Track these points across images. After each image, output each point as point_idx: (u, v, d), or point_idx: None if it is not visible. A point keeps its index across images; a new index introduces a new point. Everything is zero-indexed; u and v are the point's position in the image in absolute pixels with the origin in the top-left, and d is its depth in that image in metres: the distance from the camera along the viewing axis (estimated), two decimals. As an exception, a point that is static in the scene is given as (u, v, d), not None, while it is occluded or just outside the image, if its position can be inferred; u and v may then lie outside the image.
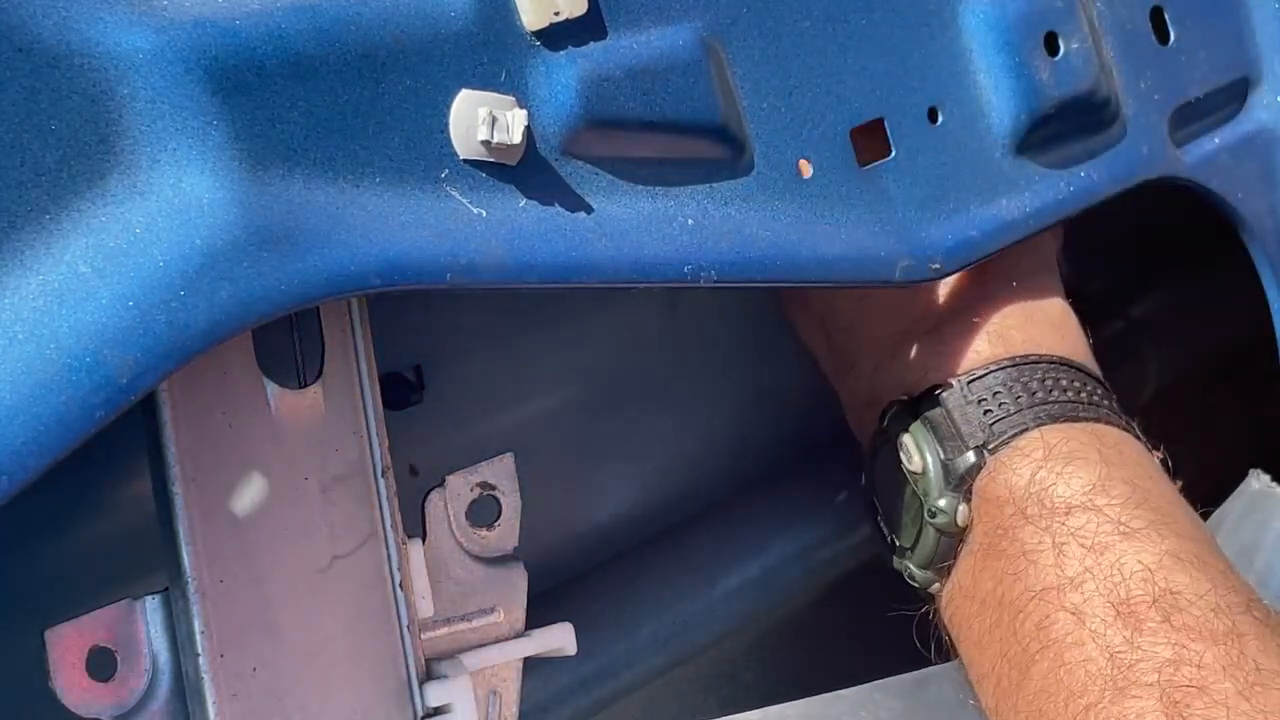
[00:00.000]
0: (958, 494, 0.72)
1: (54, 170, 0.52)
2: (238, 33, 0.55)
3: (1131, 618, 0.65)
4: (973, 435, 0.72)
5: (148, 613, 0.60)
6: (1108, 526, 0.68)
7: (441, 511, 0.67)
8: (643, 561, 0.87)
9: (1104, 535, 0.68)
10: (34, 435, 0.50)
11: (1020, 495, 0.70)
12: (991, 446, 0.72)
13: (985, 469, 0.72)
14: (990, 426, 0.72)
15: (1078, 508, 0.69)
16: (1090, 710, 0.64)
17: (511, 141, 0.59)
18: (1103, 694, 0.64)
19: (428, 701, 0.64)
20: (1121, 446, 0.72)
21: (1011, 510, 0.70)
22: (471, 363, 0.82)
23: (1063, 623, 0.67)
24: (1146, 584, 0.66)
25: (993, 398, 0.73)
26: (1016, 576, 0.69)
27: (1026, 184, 0.74)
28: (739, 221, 0.66)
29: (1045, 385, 0.73)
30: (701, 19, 0.65)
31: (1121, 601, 0.66)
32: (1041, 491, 0.70)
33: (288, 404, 0.62)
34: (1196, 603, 0.65)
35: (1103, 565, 0.67)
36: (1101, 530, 0.68)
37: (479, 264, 0.58)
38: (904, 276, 0.70)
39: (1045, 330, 0.75)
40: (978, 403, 0.73)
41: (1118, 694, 0.64)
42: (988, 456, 0.72)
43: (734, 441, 0.91)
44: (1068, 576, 0.68)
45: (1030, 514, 0.70)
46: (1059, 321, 0.77)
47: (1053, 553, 0.68)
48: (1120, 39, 0.78)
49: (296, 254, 0.54)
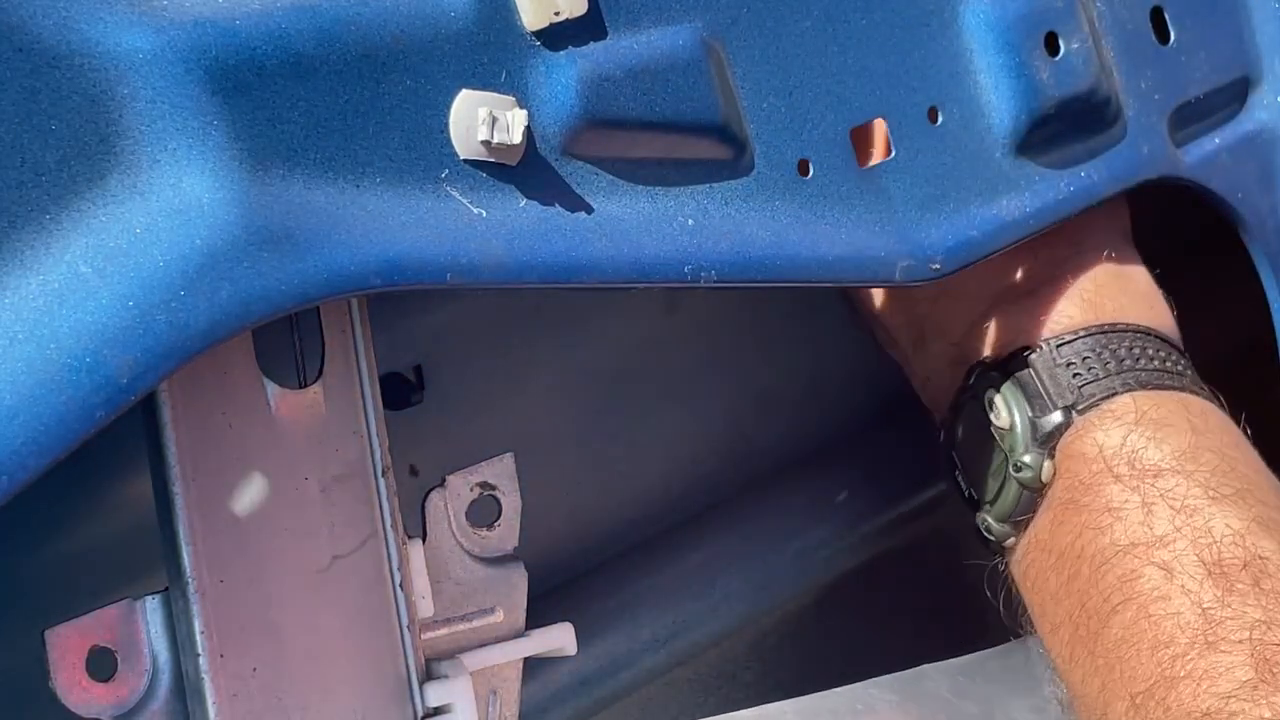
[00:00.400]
0: (1043, 450, 0.74)
1: (54, 170, 0.52)
2: (238, 33, 0.55)
3: (1223, 578, 0.67)
4: (1061, 395, 0.74)
5: (148, 613, 0.60)
6: (1197, 490, 0.70)
7: (441, 511, 0.67)
8: (643, 561, 0.87)
9: (1194, 499, 0.69)
10: (34, 435, 0.50)
11: (1110, 455, 0.72)
12: (1081, 408, 0.74)
13: (1073, 428, 0.73)
14: (1080, 389, 0.74)
15: (1168, 471, 0.71)
16: (1177, 660, 0.65)
17: (512, 141, 0.59)
18: (1191, 645, 0.65)
19: (428, 701, 0.64)
20: (1208, 416, 0.74)
21: (1099, 468, 0.72)
22: (471, 363, 0.82)
23: (1150, 576, 0.68)
24: (1236, 547, 0.67)
25: (1081, 362, 0.75)
26: (1099, 530, 0.71)
27: (1027, 184, 0.74)
28: (739, 221, 0.66)
29: (1133, 353, 0.75)
30: (701, 19, 0.65)
31: (1213, 562, 0.67)
32: (1132, 453, 0.72)
33: (288, 404, 0.62)
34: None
35: (1193, 526, 0.69)
36: (1191, 494, 0.70)
37: (479, 264, 0.58)
38: (904, 277, 0.70)
39: (1135, 299, 0.77)
40: (1066, 365, 0.75)
41: (1207, 647, 0.65)
42: (1075, 417, 0.74)
43: (734, 441, 0.91)
44: (1156, 534, 0.69)
45: (1119, 473, 0.71)
46: (1146, 292, 0.78)
47: (1141, 511, 0.70)
48: (1120, 39, 0.78)
49: (296, 254, 0.54)
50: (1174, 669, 0.65)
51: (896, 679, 0.76)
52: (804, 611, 0.91)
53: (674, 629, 0.85)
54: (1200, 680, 0.65)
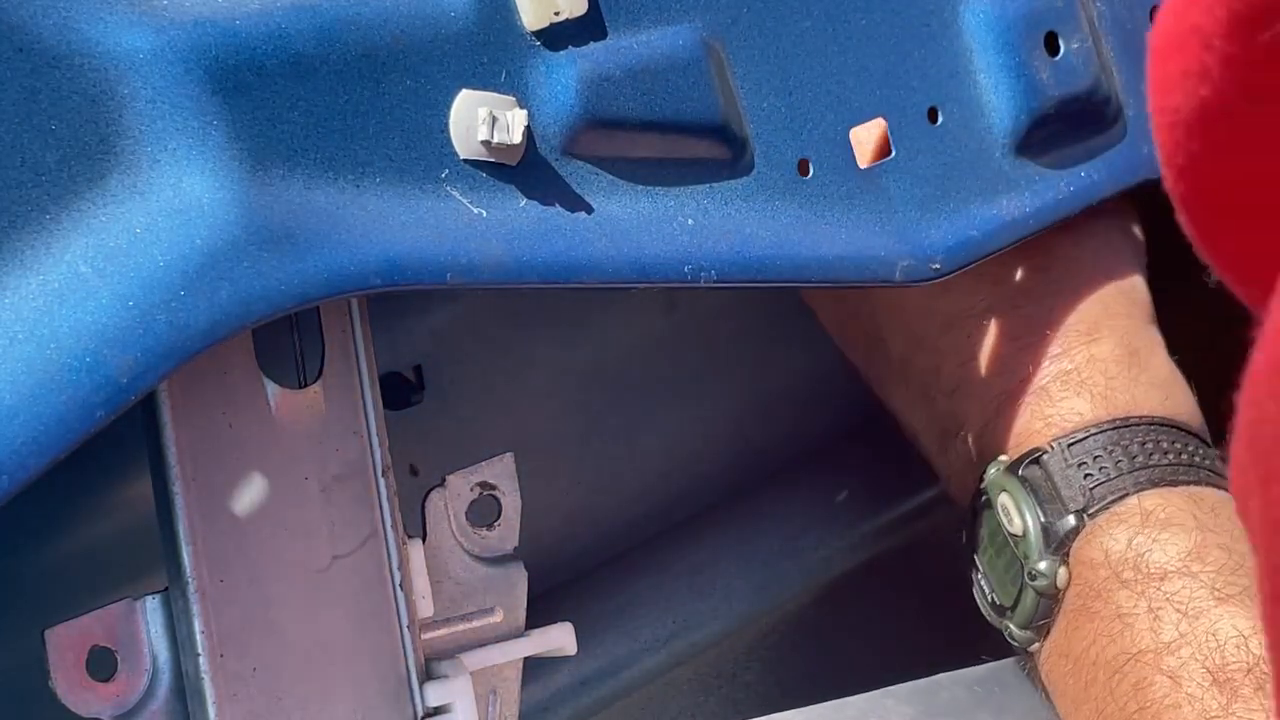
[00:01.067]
0: (1057, 556, 0.72)
1: (54, 170, 0.52)
2: (238, 33, 0.55)
3: (1227, 685, 0.66)
4: (1073, 499, 0.73)
5: (148, 613, 0.60)
6: (1202, 592, 0.69)
7: (441, 511, 0.67)
8: (643, 561, 0.87)
9: (1199, 601, 0.69)
10: (34, 435, 0.50)
11: (1116, 560, 0.71)
12: (1091, 511, 0.72)
13: (1084, 533, 0.72)
14: (1090, 490, 0.73)
15: (1173, 573, 0.70)
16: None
17: (512, 141, 0.59)
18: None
19: (428, 701, 0.64)
20: (1219, 509, 0.72)
21: (1106, 574, 0.71)
22: (471, 363, 0.82)
23: (1159, 685, 0.68)
24: (1240, 651, 0.67)
25: (1093, 461, 0.73)
26: (1111, 638, 0.70)
27: (1027, 184, 0.74)
28: (739, 221, 0.65)
29: (1145, 449, 0.73)
30: (701, 19, 0.65)
31: (1217, 668, 0.67)
32: (1138, 557, 0.71)
33: (288, 404, 0.62)
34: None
35: (1198, 631, 0.68)
36: (1196, 596, 0.69)
37: (479, 264, 0.58)
38: (904, 277, 0.70)
39: (1149, 390, 0.76)
40: (1078, 466, 0.73)
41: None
42: (1087, 520, 0.72)
43: (734, 441, 0.91)
44: (1164, 641, 0.68)
45: (1125, 578, 0.70)
46: (1163, 381, 0.77)
47: (1148, 617, 0.69)
48: (1120, 39, 0.78)
49: (296, 254, 0.54)
50: None
51: (912, 689, 0.76)
52: (804, 611, 0.91)
53: (674, 629, 0.85)
54: None
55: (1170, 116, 0.40)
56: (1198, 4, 0.38)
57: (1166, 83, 0.40)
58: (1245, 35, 0.38)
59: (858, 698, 0.74)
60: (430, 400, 0.79)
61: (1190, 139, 0.40)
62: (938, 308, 0.78)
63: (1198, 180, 0.41)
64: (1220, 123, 0.40)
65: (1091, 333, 0.77)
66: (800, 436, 0.93)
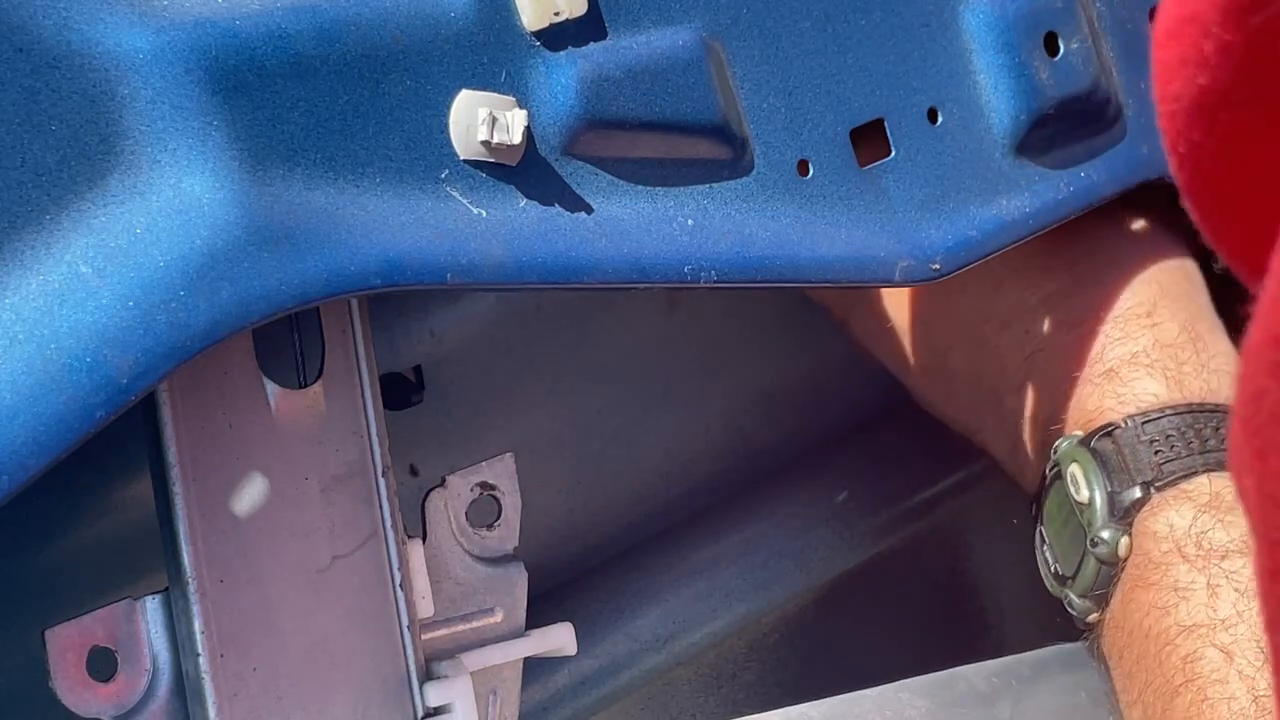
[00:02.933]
0: (1120, 526, 0.73)
1: (54, 170, 0.52)
2: (238, 33, 0.55)
3: None
4: (1140, 472, 0.74)
5: (148, 613, 0.60)
6: None
7: (442, 511, 0.67)
8: (643, 561, 0.87)
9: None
10: (34, 435, 0.50)
11: (1179, 535, 0.72)
12: (1159, 485, 0.73)
13: (1149, 505, 0.73)
14: (1161, 466, 0.74)
15: (1235, 553, 0.71)
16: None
17: (512, 142, 0.59)
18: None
19: (428, 701, 0.64)
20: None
21: (1168, 547, 0.72)
22: (471, 363, 0.82)
23: (1211, 659, 0.68)
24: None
25: (1164, 439, 0.74)
26: (1165, 610, 0.71)
27: (1026, 184, 0.74)
28: (739, 221, 0.65)
29: (1219, 434, 0.74)
30: (701, 19, 0.65)
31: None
32: (1201, 534, 0.71)
33: (288, 404, 0.62)
34: None
35: (1254, 610, 0.68)
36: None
37: (479, 264, 0.58)
38: (904, 277, 0.70)
39: (1220, 377, 0.77)
40: (1149, 443, 0.74)
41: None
42: (1153, 493, 0.73)
43: (734, 441, 0.91)
44: (1219, 617, 0.69)
45: (1187, 553, 0.71)
46: (1231, 367, 0.77)
47: (1206, 592, 0.70)
48: (1120, 39, 0.78)
49: (297, 254, 0.54)
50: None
51: (927, 682, 0.76)
52: (804, 611, 0.91)
53: (674, 629, 0.85)
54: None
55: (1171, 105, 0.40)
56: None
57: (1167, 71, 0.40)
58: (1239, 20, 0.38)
59: (872, 690, 0.75)
60: (430, 400, 0.79)
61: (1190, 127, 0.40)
62: (993, 309, 0.79)
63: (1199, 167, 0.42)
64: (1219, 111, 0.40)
65: (1151, 315, 0.78)
66: (800, 436, 0.93)
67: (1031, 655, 0.78)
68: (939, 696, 0.75)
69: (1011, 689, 0.77)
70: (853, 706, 0.74)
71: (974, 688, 0.76)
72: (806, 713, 0.73)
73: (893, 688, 0.75)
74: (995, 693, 0.74)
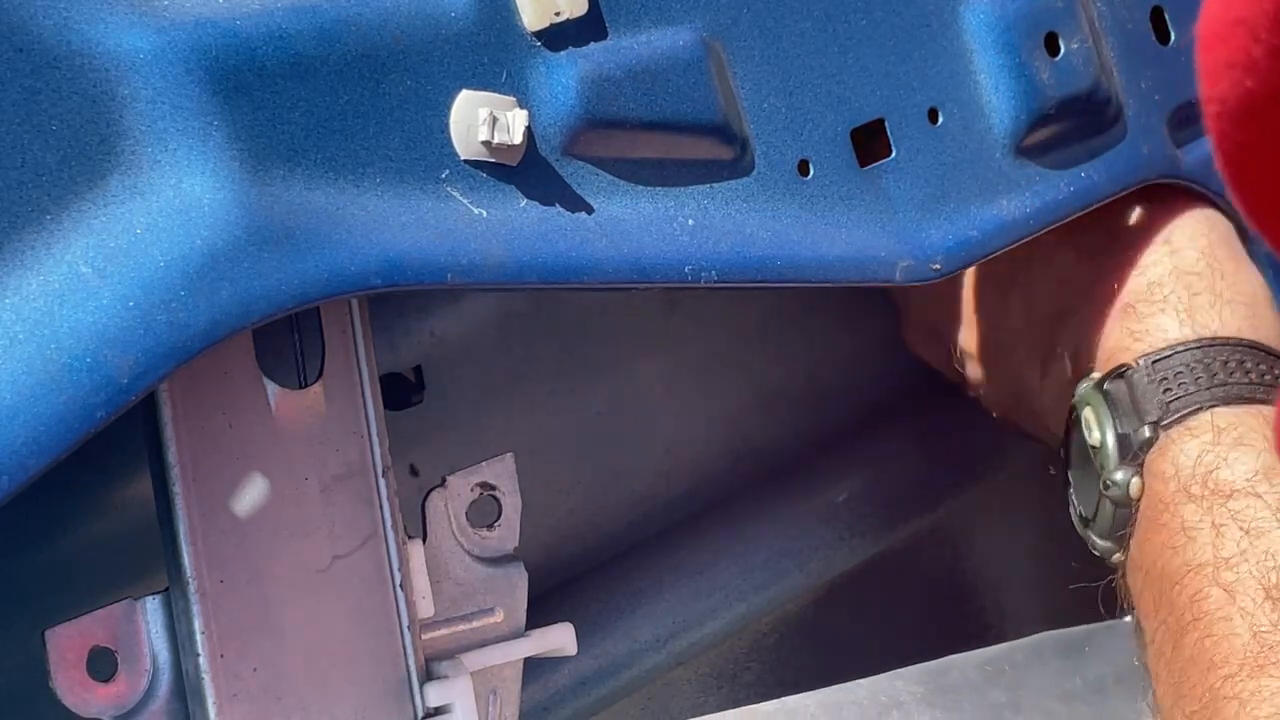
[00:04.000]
0: (1132, 467, 0.74)
1: (54, 170, 0.52)
2: (238, 33, 0.55)
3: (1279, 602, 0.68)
4: (1149, 412, 0.74)
5: (148, 613, 0.60)
6: (1266, 513, 0.70)
7: (442, 511, 0.67)
8: (643, 561, 0.87)
9: (1262, 521, 0.70)
10: (34, 435, 0.50)
11: (1185, 475, 0.73)
12: (1165, 423, 0.74)
13: (1157, 445, 0.74)
14: (1168, 404, 0.74)
15: (1240, 492, 0.71)
16: (1228, 681, 0.67)
17: (512, 142, 0.59)
18: (1241, 667, 0.67)
19: (428, 701, 0.64)
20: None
21: (1175, 487, 0.73)
22: (471, 363, 0.82)
23: (1215, 598, 0.69)
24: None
25: (1174, 377, 0.75)
26: (1175, 550, 0.71)
27: (1027, 184, 0.74)
28: (739, 221, 0.65)
29: (1228, 368, 0.75)
30: (701, 19, 0.65)
31: (1273, 585, 0.68)
32: (1206, 473, 0.72)
33: (288, 404, 0.62)
34: None
35: (1257, 549, 0.70)
36: (1260, 516, 0.70)
37: (479, 264, 0.58)
38: (904, 277, 0.70)
39: (1235, 309, 0.77)
40: (1159, 381, 0.75)
41: (1256, 670, 0.66)
42: (1161, 433, 0.74)
43: (734, 441, 0.91)
44: (1223, 556, 0.70)
45: (1194, 493, 0.72)
46: (1249, 299, 0.78)
47: (1211, 532, 0.71)
48: (1120, 39, 0.78)
49: (297, 254, 0.54)
50: (1224, 690, 0.67)
51: (922, 670, 0.76)
52: (804, 611, 0.91)
53: (674, 629, 0.85)
54: (1245, 702, 0.66)
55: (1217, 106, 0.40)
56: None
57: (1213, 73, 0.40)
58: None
59: (866, 680, 0.75)
60: (430, 400, 0.79)
61: (1237, 129, 0.41)
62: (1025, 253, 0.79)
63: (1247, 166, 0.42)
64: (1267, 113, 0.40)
65: (1171, 241, 0.78)
66: (800, 436, 0.93)
67: (1025, 641, 0.78)
68: (932, 683, 0.76)
69: (1006, 675, 0.77)
70: (847, 695, 0.74)
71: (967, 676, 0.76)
72: (803, 702, 0.73)
73: (887, 677, 0.75)
74: (989, 680, 0.75)
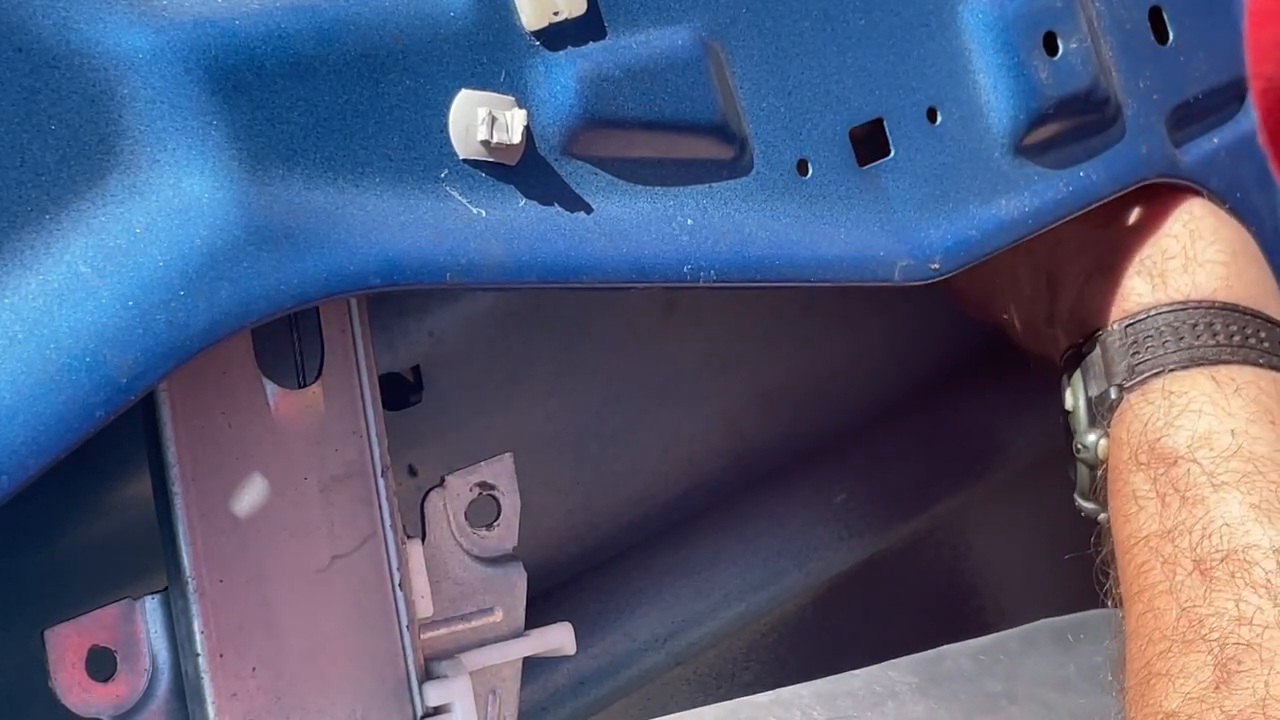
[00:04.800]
0: (1099, 429, 0.75)
1: (54, 170, 0.52)
2: (238, 33, 0.55)
3: (1207, 574, 0.68)
4: (1117, 374, 0.75)
5: (147, 613, 0.60)
6: (1203, 479, 0.71)
7: (441, 511, 0.67)
8: (643, 561, 0.87)
9: (1198, 488, 0.71)
10: (34, 435, 0.50)
11: (1135, 441, 0.73)
12: (1129, 385, 0.74)
13: (1119, 409, 0.75)
14: (1133, 367, 0.75)
15: (1182, 459, 0.72)
16: (1160, 657, 0.67)
17: (511, 141, 0.59)
18: (1170, 644, 0.67)
19: (427, 701, 0.64)
20: (1245, 390, 0.73)
21: (1127, 454, 0.73)
22: (471, 363, 0.82)
23: (1156, 570, 0.70)
24: (1222, 539, 0.69)
25: (1143, 341, 0.75)
26: (1127, 519, 0.72)
27: (1026, 184, 0.74)
28: (738, 221, 0.66)
29: (1195, 330, 0.75)
30: (700, 19, 0.65)
31: (1201, 557, 0.69)
32: (1154, 440, 0.73)
33: (288, 404, 0.62)
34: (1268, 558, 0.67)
35: (1193, 519, 0.70)
36: (1197, 483, 0.71)
37: (478, 264, 0.58)
38: (903, 277, 0.70)
39: (1211, 271, 0.77)
40: (1130, 345, 0.75)
41: (1184, 646, 0.67)
42: (1125, 395, 0.75)
43: (734, 441, 0.91)
44: (1166, 527, 0.71)
45: (1141, 460, 0.73)
46: (1226, 260, 0.78)
47: (1156, 501, 0.71)
48: (1119, 39, 0.78)
49: (296, 254, 0.54)
50: (1157, 666, 0.67)
51: (916, 660, 0.76)
52: (804, 611, 0.91)
53: (674, 629, 0.85)
54: (1174, 679, 0.66)
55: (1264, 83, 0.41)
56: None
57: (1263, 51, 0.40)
58: None
59: (861, 670, 0.75)
60: (430, 400, 0.79)
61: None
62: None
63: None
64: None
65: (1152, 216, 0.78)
66: (800, 436, 0.93)
67: (1019, 630, 0.79)
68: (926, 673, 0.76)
69: (1000, 663, 0.78)
70: (842, 685, 0.74)
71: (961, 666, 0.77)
72: (798, 692, 0.73)
73: (881, 667, 0.75)
74: (984, 669, 0.75)
